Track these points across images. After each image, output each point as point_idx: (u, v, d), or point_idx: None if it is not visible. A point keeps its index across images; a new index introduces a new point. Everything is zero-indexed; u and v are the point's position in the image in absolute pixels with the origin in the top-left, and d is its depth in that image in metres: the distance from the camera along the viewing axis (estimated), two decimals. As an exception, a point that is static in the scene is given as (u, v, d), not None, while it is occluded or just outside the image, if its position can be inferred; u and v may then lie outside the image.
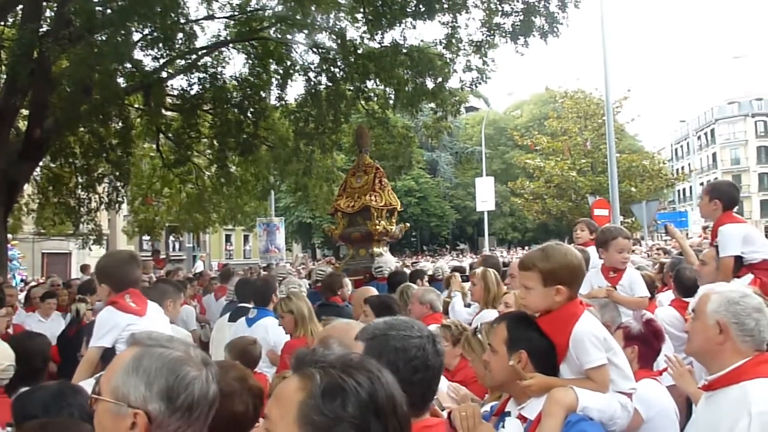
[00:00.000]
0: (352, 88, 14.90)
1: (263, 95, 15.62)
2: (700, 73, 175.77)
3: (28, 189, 17.38)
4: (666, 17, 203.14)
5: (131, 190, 19.44)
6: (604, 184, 26.97)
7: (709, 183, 5.23)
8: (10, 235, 17.21)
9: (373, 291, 6.01)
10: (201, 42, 14.44)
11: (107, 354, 3.84)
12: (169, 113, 16.25)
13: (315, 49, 14.65)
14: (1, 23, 14.21)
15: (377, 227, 10.77)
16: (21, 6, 12.53)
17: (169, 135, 16.57)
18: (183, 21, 12.62)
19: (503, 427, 2.54)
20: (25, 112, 13.22)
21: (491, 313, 5.04)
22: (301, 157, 15.85)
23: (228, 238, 51.90)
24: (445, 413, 2.57)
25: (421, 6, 12.75)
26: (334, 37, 13.88)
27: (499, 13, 12.79)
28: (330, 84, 14.81)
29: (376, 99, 15.80)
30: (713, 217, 4.85)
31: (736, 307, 2.46)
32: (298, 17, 12.78)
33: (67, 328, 6.59)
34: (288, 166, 16.04)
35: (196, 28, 13.97)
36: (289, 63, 15.20)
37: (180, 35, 12.54)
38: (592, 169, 34.61)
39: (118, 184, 17.09)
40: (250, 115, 15.43)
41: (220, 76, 15.34)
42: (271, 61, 15.35)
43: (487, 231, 40.33)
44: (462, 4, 13.10)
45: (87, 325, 5.34)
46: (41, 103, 11.95)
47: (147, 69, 13.32)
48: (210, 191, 18.55)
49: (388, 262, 10.30)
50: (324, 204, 19.78)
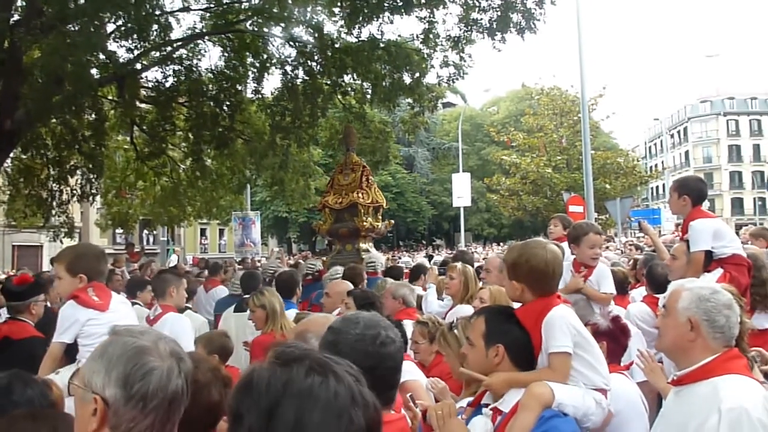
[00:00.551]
0: (329, 82, 14.83)
1: (239, 88, 15.46)
2: (673, 72, 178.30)
3: (-1, 180, 17.10)
4: (640, 16, 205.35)
5: (104, 182, 19.16)
6: (579, 180, 27.18)
7: (676, 180, 5.26)
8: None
9: (348, 285, 6.04)
10: (176, 34, 14.28)
11: (70, 349, 3.83)
12: (143, 105, 16.03)
13: (292, 43, 14.55)
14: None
15: (364, 223, 11.19)
16: (-9, -6, 12.29)
17: (144, 127, 16.36)
18: (158, 12, 12.48)
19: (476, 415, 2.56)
20: (-5, 102, 12.97)
21: (465, 309, 5.08)
22: (278, 151, 15.77)
23: (203, 232, 51.55)
24: (419, 409, 2.59)
25: (398, 1, 12.73)
26: (311, 30, 13.78)
27: (477, 8, 12.78)
28: (307, 78, 14.73)
29: (353, 93, 15.74)
30: (683, 212, 4.90)
31: (707, 304, 2.48)
32: (275, 10, 12.67)
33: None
34: (264, 160, 15.94)
35: (171, 19, 13.76)
36: (265, 56, 15.09)
37: (155, 27, 12.35)
38: (567, 166, 34.87)
39: (91, 176, 16.84)
40: (225, 108, 15.28)
41: (195, 69, 15.16)
42: (247, 54, 15.22)
43: (463, 227, 40.47)
44: (439, -1, 13.11)
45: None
46: (12, 94, 11.71)
47: (121, 60, 13.13)
48: (185, 185, 18.34)
49: (377, 257, 10.55)
50: (300, 198, 19.72)
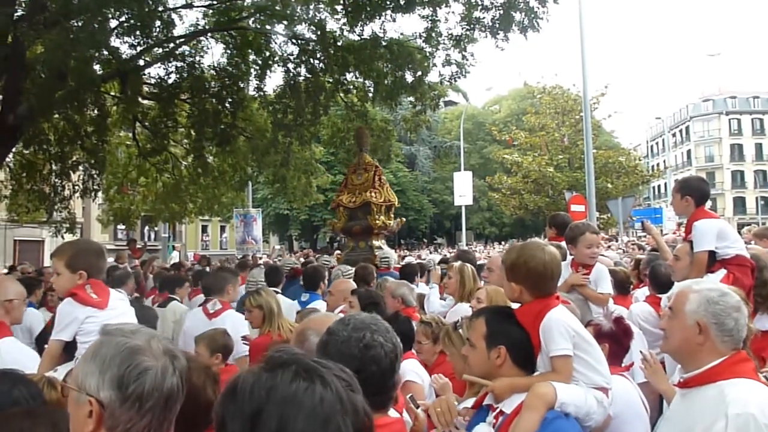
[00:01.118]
0: (331, 80, 14.84)
1: (242, 85, 15.48)
2: (675, 71, 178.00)
3: (1, 175, 17.08)
4: (642, 15, 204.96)
5: (107, 178, 19.19)
6: (581, 180, 27.15)
7: (678, 180, 5.23)
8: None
9: (351, 284, 6.09)
10: (179, 31, 14.26)
11: (69, 347, 3.81)
12: (145, 102, 16.03)
13: (294, 40, 14.56)
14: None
15: (377, 221, 11.55)
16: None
17: (146, 124, 16.36)
18: (161, 9, 12.46)
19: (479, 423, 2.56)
20: (-2, 97, 12.99)
21: (465, 307, 5.09)
22: (279, 149, 15.77)
23: (204, 229, 51.53)
24: (421, 411, 2.60)
25: (401, -1, 12.74)
26: (314, 28, 13.78)
27: (479, 7, 12.78)
28: (309, 75, 14.73)
29: (355, 92, 15.75)
30: (686, 213, 4.87)
31: (716, 307, 2.44)
32: (278, 8, 12.69)
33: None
34: (266, 157, 15.95)
35: (174, 16, 13.76)
36: (268, 54, 15.09)
37: (157, 23, 12.39)
38: (569, 165, 34.82)
39: (93, 172, 16.85)
40: (228, 105, 15.28)
41: (198, 66, 15.17)
42: (249, 51, 15.22)
43: (465, 225, 40.46)
44: (442, -3, 13.10)
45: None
46: (15, 89, 11.72)
47: (124, 56, 13.14)
48: (187, 181, 18.36)
49: (389, 253, 11.19)
50: (302, 196, 19.73)
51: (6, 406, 2.16)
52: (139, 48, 13.19)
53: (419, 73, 14.07)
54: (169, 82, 15.02)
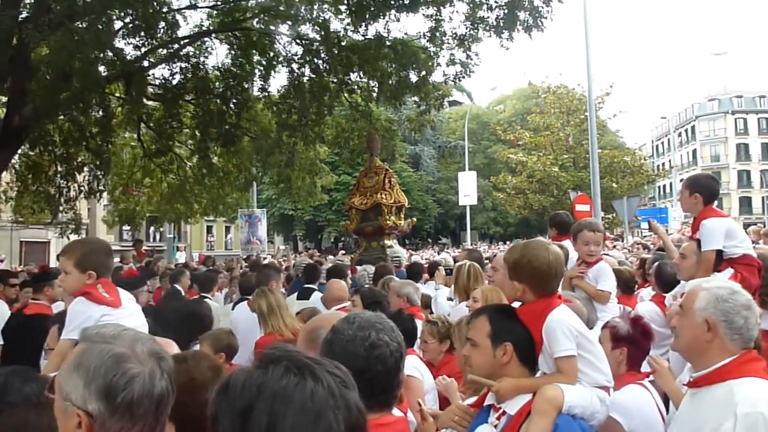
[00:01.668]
0: (335, 80, 14.83)
1: (246, 86, 15.47)
2: (680, 70, 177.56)
3: (6, 177, 17.14)
4: (647, 14, 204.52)
5: (112, 179, 19.24)
6: (586, 179, 27.10)
7: (688, 177, 5.19)
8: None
9: (342, 285, 6.23)
10: (183, 31, 14.33)
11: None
12: (150, 103, 16.05)
13: (298, 41, 14.56)
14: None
15: (388, 222, 12.22)
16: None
17: (151, 124, 16.38)
18: (165, 10, 12.49)
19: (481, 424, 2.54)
20: (3, 99, 13.04)
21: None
22: (284, 149, 15.77)
23: (209, 230, 51.64)
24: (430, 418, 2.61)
25: (405, -2, 12.73)
26: (318, 28, 13.79)
27: (484, 6, 12.76)
28: (313, 76, 14.74)
29: (359, 92, 15.75)
30: (694, 211, 4.83)
31: (725, 305, 2.42)
32: (282, 8, 12.70)
33: None
34: (270, 157, 15.95)
35: (179, 17, 13.80)
36: (272, 54, 15.10)
37: (162, 24, 12.41)
38: (574, 165, 34.75)
39: (99, 173, 16.89)
40: (232, 105, 15.29)
41: (202, 66, 15.18)
42: (254, 51, 15.21)
43: (470, 225, 40.48)
44: (446, -3, 13.08)
45: (57, 315, 5.30)
46: (20, 91, 11.75)
47: (128, 58, 13.16)
48: (191, 182, 18.40)
49: (400, 252, 11.89)
50: (306, 196, 19.75)
51: (18, 403, 2.16)
52: (143, 49, 13.23)
53: (423, 72, 14.05)
54: (174, 82, 15.04)
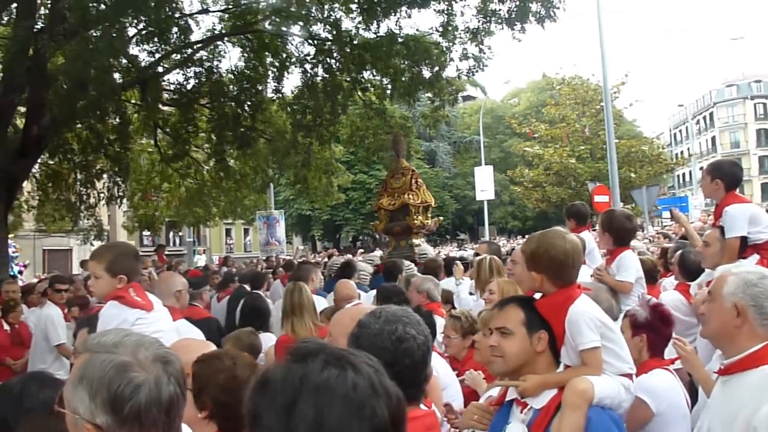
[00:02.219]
0: (348, 79, 14.84)
1: (260, 88, 15.53)
2: (697, 57, 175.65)
3: (28, 186, 17.36)
4: (662, 0, 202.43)
5: (130, 185, 19.42)
6: (604, 170, 26.89)
7: (710, 163, 5.13)
8: (11, 235, 17.19)
9: (351, 285, 6.29)
10: (196, 36, 14.41)
11: None
12: (166, 108, 16.19)
13: (310, 41, 14.58)
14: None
15: (415, 221, 12.54)
16: (15, 4, 12.48)
17: (167, 130, 16.52)
18: (177, 15, 12.57)
19: (509, 422, 2.53)
20: (22, 109, 13.19)
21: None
22: (300, 150, 15.81)
23: (228, 232, 51.87)
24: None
25: (415, -6, 12.71)
26: (329, 27, 13.81)
27: (495, -1, 12.71)
28: (326, 75, 14.75)
29: (373, 89, 15.73)
30: (716, 197, 4.77)
31: (755, 290, 2.38)
32: (293, 9, 12.71)
33: None
34: (286, 158, 16.00)
35: (191, 22, 13.90)
36: (284, 55, 15.13)
37: (174, 29, 12.48)
38: (591, 156, 34.49)
39: (118, 179, 17.06)
40: (247, 108, 15.37)
41: (216, 70, 15.26)
42: (266, 53, 15.26)
43: (487, 220, 40.30)
44: (457, -9, 13.04)
45: (85, 318, 5.39)
46: (38, 100, 11.89)
47: (142, 64, 13.28)
48: (209, 185, 18.52)
49: (428, 250, 12.31)
50: (323, 196, 19.80)
51: (34, 408, 2.15)
52: (157, 55, 13.32)
53: (436, 68, 14.01)
54: (188, 87, 15.16)
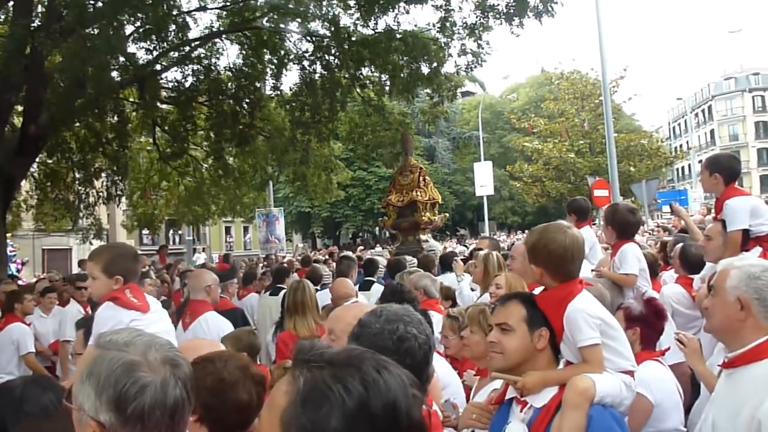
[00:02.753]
0: (347, 75, 14.80)
1: (258, 85, 15.51)
2: (695, 50, 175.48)
3: (26, 185, 17.31)
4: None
5: (129, 184, 19.38)
6: (603, 164, 26.91)
7: (708, 157, 5.12)
8: (9, 234, 17.17)
9: (349, 284, 6.21)
10: (194, 33, 14.35)
11: None
12: (164, 106, 16.15)
13: (309, 38, 14.56)
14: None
15: (423, 218, 12.93)
16: (12, 2, 12.44)
17: (165, 128, 16.48)
18: (175, 12, 12.53)
19: (508, 422, 2.51)
20: (19, 108, 13.15)
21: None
22: (298, 147, 15.77)
23: (228, 230, 51.80)
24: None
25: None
26: (328, 24, 13.77)
27: (493, -7, 12.67)
28: (325, 72, 14.73)
29: (371, 86, 15.70)
30: (715, 191, 4.76)
31: (758, 282, 2.36)
32: (291, 6, 12.70)
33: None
34: (285, 156, 15.96)
35: (189, 19, 13.82)
36: (283, 52, 15.11)
37: (172, 27, 12.42)
38: (590, 150, 34.52)
39: (116, 178, 17.03)
40: (245, 105, 15.34)
41: (214, 68, 15.23)
42: (265, 50, 15.23)
43: (487, 216, 40.27)
44: (455, -14, 13.01)
45: (82, 319, 5.44)
46: (35, 99, 11.86)
47: (140, 62, 13.23)
48: (208, 183, 18.47)
49: (435, 245, 12.75)
50: (323, 193, 19.74)
51: (35, 412, 2.14)
52: (155, 53, 13.29)
53: (435, 64, 13.97)
54: (186, 85, 15.12)
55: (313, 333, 4.95)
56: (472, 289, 6.45)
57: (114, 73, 12.73)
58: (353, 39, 13.80)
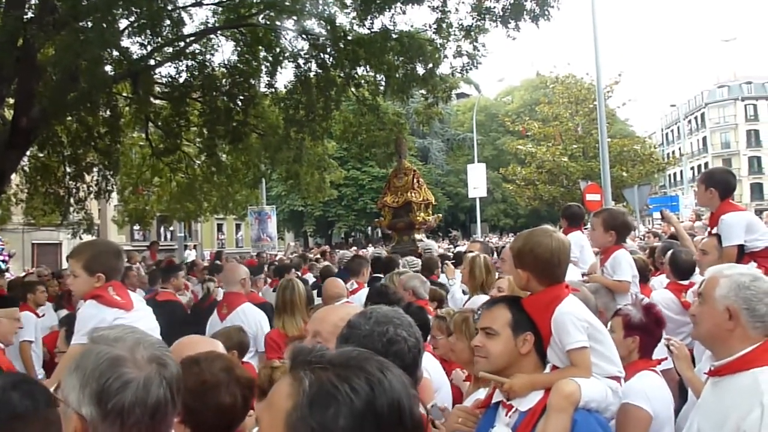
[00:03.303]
0: (342, 74, 14.75)
1: (252, 83, 15.45)
2: (689, 57, 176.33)
3: (16, 179, 17.19)
4: (655, 1, 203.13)
5: (121, 179, 19.28)
6: (596, 169, 26.96)
7: (704, 171, 5.13)
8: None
9: (340, 283, 6.17)
10: (189, 29, 14.25)
11: None
12: (157, 101, 16.07)
13: (304, 36, 14.49)
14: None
15: (417, 218, 13.38)
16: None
17: (158, 123, 16.39)
18: (170, 7, 12.46)
19: (494, 426, 2.49)
20: (11, 100, 13.05)
21: (482, 299, 5.02)
22: (292, 145, 15.70)
23: (219, 227, 51.69)
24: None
25: (410, -9, 12.66)
26: (324, 23, 13.72)
27: (490, -4, 12.68)
28: (320, 71, 14.66)
29: (366, 86, 15.64)
30: (711, 205, 4.78)
31: (747, 292, 2.36)
32: (287, 3, 12.64)
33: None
34: (278, 154, 15.89)
35: (184, 14, 13.78)
36: (278, 50, 15.04)
37: (167, 22, 12.35)
38: (583, 155, 34.58)
39: (108, 173, 16.93)
40: (239, 102, 15.27)
41: (208, 64, 15.15)
42: (260, 48, 15.18)
43: (479, 218, 40.34)
44: (452, -12, 13.00)
45: (65, 317, 5.44)
46: (27, 92, 11.76)
47: (134, 56, 13.15)
48: (200, 180, 18.41)
49: (431, 244, 12.89)
50: (315, 192, 19.71)
51: (18, 419, 2.10)
52: (149, 47, 13.19)
53: (430, 65, 13.95)
54: (180, 81, 15.05)
55: (301, 332, 4.93)
56: (464, 292, 6.43)
57: (107, 67, 12.65)
58: (349, 38, 13.75)
